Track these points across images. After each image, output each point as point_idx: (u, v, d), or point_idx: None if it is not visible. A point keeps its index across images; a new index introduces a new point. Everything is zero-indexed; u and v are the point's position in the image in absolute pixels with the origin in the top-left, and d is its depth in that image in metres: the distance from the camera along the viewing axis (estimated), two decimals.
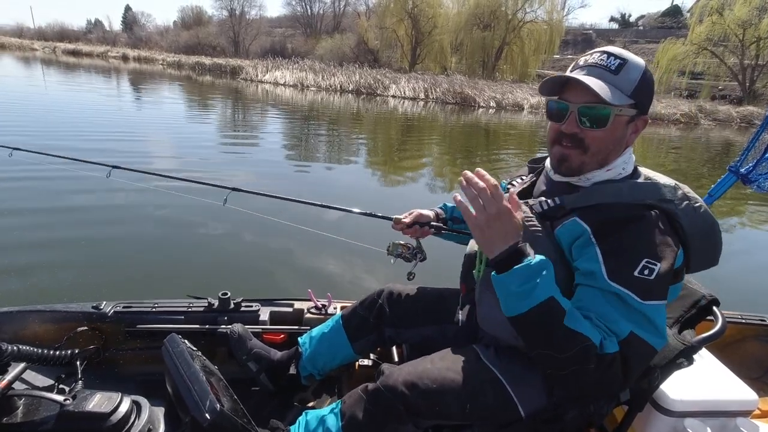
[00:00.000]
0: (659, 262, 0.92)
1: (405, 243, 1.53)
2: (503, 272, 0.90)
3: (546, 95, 1.07)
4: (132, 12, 63.66)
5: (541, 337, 0.90)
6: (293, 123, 12.19)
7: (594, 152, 1.02)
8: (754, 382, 1.47)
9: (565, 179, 1.09)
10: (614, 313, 0.90)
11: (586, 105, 0.99)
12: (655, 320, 0.90)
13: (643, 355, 0.91)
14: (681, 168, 9.30)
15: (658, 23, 46.83)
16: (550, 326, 0.88)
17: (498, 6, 32.88)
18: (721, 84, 28.94)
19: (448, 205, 1.59)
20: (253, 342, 1.53)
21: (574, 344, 0.86)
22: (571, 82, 1.00)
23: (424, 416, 1.07)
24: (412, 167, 7.89)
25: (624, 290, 0.90)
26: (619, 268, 0.92)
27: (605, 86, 0.96)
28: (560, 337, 0.87)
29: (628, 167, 1.07)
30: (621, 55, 0.99)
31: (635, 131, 1.05)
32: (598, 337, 0.88)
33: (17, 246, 3.34)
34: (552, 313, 0.88)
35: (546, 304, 0.87)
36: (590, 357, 0.86)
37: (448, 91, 22.03)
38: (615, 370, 0.87)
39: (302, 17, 51.99)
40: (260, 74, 25.51)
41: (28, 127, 7.72)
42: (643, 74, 0.99)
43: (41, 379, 1.47)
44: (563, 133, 1.03)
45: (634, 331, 0.88)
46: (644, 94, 1.01)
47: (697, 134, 17.77)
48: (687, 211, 1.02)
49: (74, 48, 42.12)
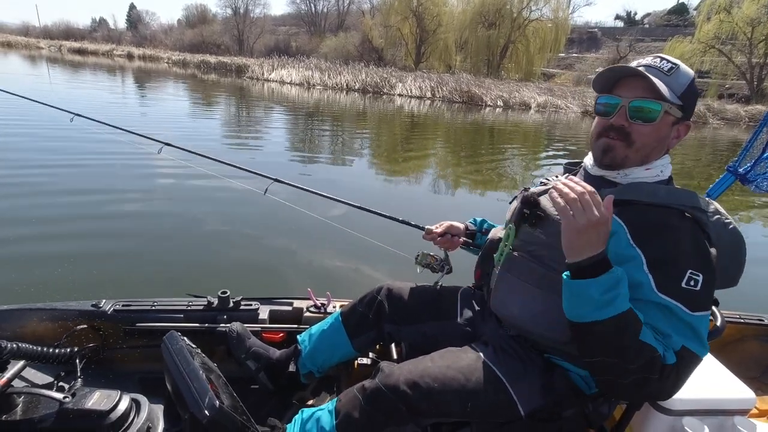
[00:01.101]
0: (701, 272, 0.93)
1: (434, 254, 1.56)
2: (584, 277, 0.89)
3: (599, 91, 1.09)
4: (136, 10, 64.02)
5: (613, 345, 0.89)
6: (300, 120, 12.21)
7: (638, 147, 1.04)
8: (752, 382, 1.48)
9: (603, 173, 1.10)
10: (667, 327, 0.91)
11: (640, 99, 1.01)
12: (700, 331, 0.91)
13: (692, 365, 0.91)
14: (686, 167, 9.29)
15: (664, 21, 46.49)
16: (626, 336, 0.88)
17: (503, 4, 32.80)
18: (728, 83, 28.71)
19: (478, 219, 1.61)
20: (252, 341, 1.53)
21: (644, 355, 0.87)
22: (625, 78, 1.04)
23: (425, 415, 1.07)
24: (415, 166, 7.88)
25: (674, 302, 0.91)
26: (666, 279, 0.92)
27: (661, 83, 1.00)
28: (634, 348, 0.87)
29: (666, 172, 1.08)
30: (673, 61, 1.04)
31: (677, 136, 1.07)
32: (662, 349, 0.89)
33: (15, 242, 3.36)
34: (630, 324, 0.88)
35: (626, 315, 0.88)
36: (655, 368, 0.88)
37: (455, 90, 21.96)
38: (672, 380, 0.89)
39: (306, 15, 52.05)
40: (266, 73, 25.57)
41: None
42: (692, 81, 1.04)
43: (41, 377, 1.47)
44: (611, 126, 1.05)
45: (685, 345, 0.90)
46: (691, 99, 1.04)
47: (705, 134, 17.64)
48: (717, 225, 1.04)
49: (80, 46, 42.33)
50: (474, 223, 1.60)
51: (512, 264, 1.16)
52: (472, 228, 1.58)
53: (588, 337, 0.92)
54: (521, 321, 1.15)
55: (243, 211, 4.39)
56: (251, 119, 11.95)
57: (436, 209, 5.32)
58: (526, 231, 1.14)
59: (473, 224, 1.60)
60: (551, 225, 1.08)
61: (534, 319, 1.06)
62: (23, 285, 2.73)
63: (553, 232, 1.05)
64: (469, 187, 6.80)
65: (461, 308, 1.40)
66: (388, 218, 1.78)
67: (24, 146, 6.16)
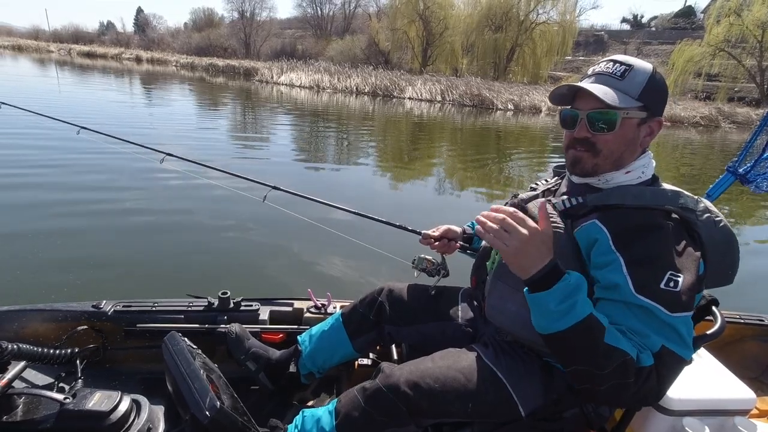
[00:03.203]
0: (682, 273, 0.91)
1: (431, 258, 1.56)
2: (539, 291, 0.89)
3: (558, 104, 1.11)
4: (144, 14, 64.49)
5: (580, 354, 0.88)
6: (306, 124, 12.25)
7: (606, 155, 1.04)
8: (752, 382, 1.48)
9: (584, 181, 1.11)
10: (644, 328, 0.89)
11: (594, 110, 1.02)
12: (682, 332, 0.89)
13: (675, 367, 0.90)
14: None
15: (671, 24, 46.21)
16: (590, 343, 0.86)
17: (510, 7, 32.76)
18: (737, 86, 28.47)
19: (475, 224, 1.59)
20: (251, 342, 1.53)
21: (614, 360, 0.85)
22: (581, 91, 1.04)
23: (425, 415, 1.07)
24: (419, 170, 7.88)
25: (652, 303, 0.89)
26: (645, 280, 0.91)
27: (611, 91, 0.99)
28: (600, 353, 0.86)
29: (648, 171, 1.08)
30: (626, 62, 1.03)
31: (649, 133, 1.06)
32: (635, 351, 0.87)
33: (16, 243, 3.38)
34: (592, 330, 0.86)
35: (586, 321, 0.86)
36: (629, 372, 0.86)
37: (465, 94, 21.89)
38: (652, 382, 0.88)
39: (312, 19, 52.29)
40: (275, 76, 25.71)
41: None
42: (651, 77, 1.02)
43: (41, 378, 1.48)
44: (576, 139, 1.07)
45: (665, 345, 0.88)
46: (653, 96, 1.03)
47: (716, 137, 17.50)
48: (707, 223, 1.02)
49: (89, 50, 42.80)
50: (471, 227, 1.59)
51: (503, 272, 1.15)
52: (470, 232, 1.58)
53: (557, 347, 0.92)
54: (514, 328, 1.14)
55: (244, 214, 4.39)
56: (258, 123, 12.01)
57: (437, 213, 5.29)
58: None
59: (471, 228, 1.59)
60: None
61: (527, 327, 1.03)
62: (24, 286, 2.74)
63: None
64: (473, 191, 6.79)
65: (462, 309, 1.40)
66: (385, 224, 1.77)
67: (29, 150, 6.22)
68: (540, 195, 1.21)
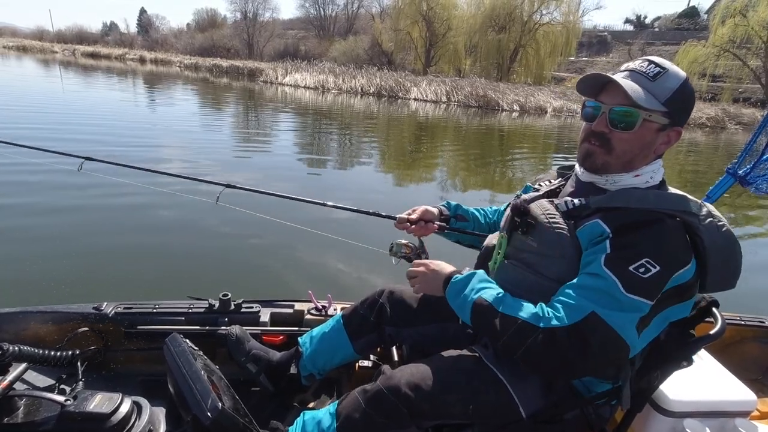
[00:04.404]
0: (659, 266, 0.92)
1: (407, 243, 1.52)
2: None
3: (583, 94, 1.10)
4: (147, 15, 64.57)
5: (489, 331, 1.01)
6: (316, 124, 12.27)
7: (618, 154, 1.04)
8: (753, 383, 1.49)
9: (591, 179, 1.11)
10: (585, 292, 0.93)
11: (618, 106, 1.01)
12: (630, 313, 0.91)
13: (605, 337, 0.90)
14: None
15: (674, 25, 45.96)
16: (487, 319, 1.00)
17: (514, 8, 32.72)
18: (742, 87, 28.34)
19: (452, 203, 1.58)
20: (252, 343, 1.53)
21: (509, 327, 0.96)
22: (608, 84, 1.03)
23: (426, 417, 1.07)
24: (421, 170, 7.88)
25: (612, 276, 0.92)
26: (617, 258, 0.94)
27: (639, 90, 0.98)
28: (497, 324, 0.98)
29: (656, 177, 1.07)
30: (662, 64, 1.01)
31: (666, 142, 1.06)
32: (536, 314, 0.95)
33: (17, 246, 3.38)
34: (483, 309, 1.02)
35: (475, 305, 1.03)
36: (527, 333, 0.94)
37: (470, 95, 21.81)
38: (564, 345, 0.90)
39: (315, 19, 52.35)
40: (280, 77, 25.74)
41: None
42: (682, 85, 1.00)
43: (42, 380, 1.48)
44: (593, 132, 1.06)
45: (596, 312, 0.90)
46: (680, 104, 1.02)
47: (722, 138, 17.39)
48: (710, 228, 1.01)
49: (93, 50, 42.93)
50: (447, 206, 1.57)
51: (505, 272, 1.15)
52: (446, 213, 1.55)
53: (480, 332, 1.14)
54: None
55: (244, 216, 4.40)
56: (262, 123, 12.04)
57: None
58: (518, 239, 1.13)
59: (446, 207, 1.56)
60: (542, 232, 1.07)
61: None
62: (25, 288, 2.75)
63: (544, 239, 1.06)
64: (474, 191, 6.78)
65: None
66: (356, 212, 1.75)
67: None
68: (543, 196, 1.21)
